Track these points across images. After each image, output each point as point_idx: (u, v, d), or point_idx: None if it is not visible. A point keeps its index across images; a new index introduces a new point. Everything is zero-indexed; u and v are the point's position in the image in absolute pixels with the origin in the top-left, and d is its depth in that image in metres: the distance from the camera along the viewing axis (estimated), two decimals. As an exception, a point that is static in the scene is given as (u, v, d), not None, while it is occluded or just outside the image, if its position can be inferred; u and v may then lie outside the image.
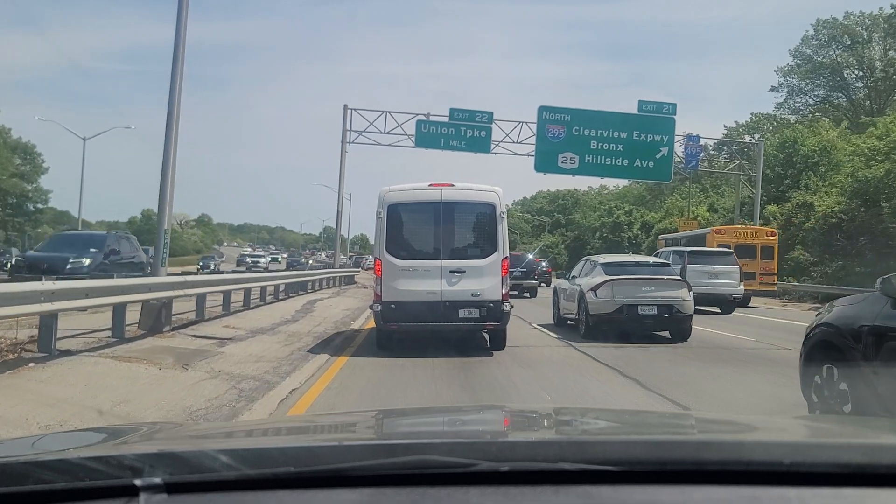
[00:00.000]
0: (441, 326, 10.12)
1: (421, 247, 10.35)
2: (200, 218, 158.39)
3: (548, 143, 36.15)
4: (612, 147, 36.62)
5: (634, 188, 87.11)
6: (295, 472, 1.35)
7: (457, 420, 2.57)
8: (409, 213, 10.38)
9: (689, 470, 1.39)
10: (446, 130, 35.83)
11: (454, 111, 35.80)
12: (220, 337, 10.55)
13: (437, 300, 9.85)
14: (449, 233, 10.21)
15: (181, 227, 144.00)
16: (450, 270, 9.90)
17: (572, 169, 36.65)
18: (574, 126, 36.38)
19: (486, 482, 1.33)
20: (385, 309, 9.95)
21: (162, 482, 1.29)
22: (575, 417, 2.65)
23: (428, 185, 10.31)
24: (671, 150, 37.21)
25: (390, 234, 10.10)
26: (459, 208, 10.27)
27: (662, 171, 37.28)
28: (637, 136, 36.61)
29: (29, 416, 5.30)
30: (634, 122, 36.66)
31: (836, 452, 1.52)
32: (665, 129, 36.86)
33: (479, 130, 35.98)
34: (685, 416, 4.51)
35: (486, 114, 36.16)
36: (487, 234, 10.20)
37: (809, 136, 40.93)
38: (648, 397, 7.30)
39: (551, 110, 36.49)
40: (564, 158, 36.47)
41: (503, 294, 9.95)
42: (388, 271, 9.96)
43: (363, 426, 2.39)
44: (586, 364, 9.73)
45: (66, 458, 1.45)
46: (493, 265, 10.00)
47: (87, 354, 8.31)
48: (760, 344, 12.81)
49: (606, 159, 36.65)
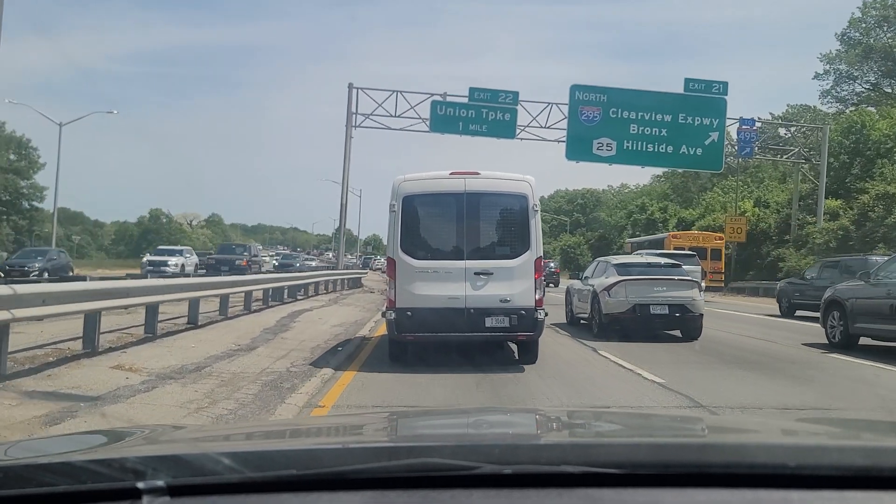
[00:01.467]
0: (464, 337, 9.18)
1: (441, 245, 9.36)
2: (211, 218, 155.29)
3: (581, 126, 31.60)
4: (654, 132, 32.03)
5: (657, 186, 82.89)
6: (297, 474, 1.35)
7: (459, 422, 2.55)
8: (427, 205, 9.38)
9: (692, 473, 1.39)
10: (465, 113, 31.34)
11: (474, 91, 31.31)
12: (85, 395, 6.08)
13: (461, 307, 8.89)
14: (474, 228, 9.21)
15: (190, 226, 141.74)
16: (475, 272, 8.97)
17: (609, 156, 32.06)
18: (611, 108, 31.81)
19: (489, 485, 1.33)
20: (400, 317, 8.90)
21: (164, 485, 1.29)
22: (578, 419, 2.68)
23: (449, 174, 9.28)
24: (722, 136, 32.58)
25: (406, 231, 9.10)
26: (486, 200, 9.27)
27: (712, 158, 32.56)
28: (683, 119, 32.00)
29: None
30: (679, 102, 32.03)
31: (838, 455, 1.54)
32: (715, 110, 32.15)
33: (503, 113, 31.47)
34: (688, 418, 4.63)
35: (510, 94, 31.65)
36: (518, 230, 9.21)
37: (879, 120, 35.90)
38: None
39: (585, 89, 31.92)
40: (600, 144, 31.90)
41: (537, 299, 9.02)
42: (404, 273, 8.99)
43: (366, 429, 2.39)
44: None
45: (68, 461, 1.45)
46: (524, 266, 9.05)
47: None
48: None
49: (648, 145, 32.05)
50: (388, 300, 9.17)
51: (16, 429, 4.90)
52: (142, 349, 9.00)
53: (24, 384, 6.36)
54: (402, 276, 8.93)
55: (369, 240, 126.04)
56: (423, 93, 31.61)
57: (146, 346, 9.36)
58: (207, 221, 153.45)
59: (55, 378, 6.69)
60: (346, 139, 31.86)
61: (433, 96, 31.34)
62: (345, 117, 32.19)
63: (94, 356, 7.95)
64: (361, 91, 31.90)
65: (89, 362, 7.59)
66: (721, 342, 12.88)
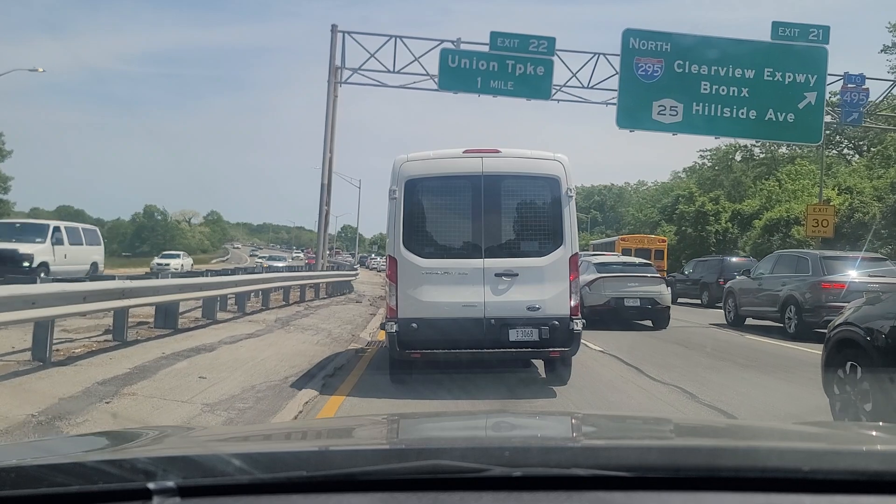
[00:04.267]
0: (483, 355, 7.50)
1: (453, 240, 7.81)
2: (209, 215, 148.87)
3: (637, 84, 24.03)
4: (731, 91, 24.46)
5: (679, 183, 75.22)
6: (307, 476, 1.35)
7: (469, 425, 2.54)
8: (435, 191, 7.82)
9: (702, 476, 1.39)
10: (485, 65, 23.76)
11: (497, 36, 23.74)
12: None
13: (478, 316, 7.39)
14: (493, 219, 7.68)
15: (189, 224, 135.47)
16: (495, 274, 7.48)
17: (673, 123, 24.43)
18: (676, 60, 24.23)
19: (499, 487, 1.33)
20: (404, 330, 7.31)
21: (175, 486, 1.30)
22: (587, 422, 2.65)
23: (463, 152, 7.75)
24: (822, 97, 24.77)
25: (409, 222, 7.54)
26: (508, 184, 7.73)
27: (807, 126, 24.77)
28: (770, 76, 24.38)
29: None
30: (765, 53, 24.43)
31: (852, 459, 1.53)
32: (812, 63, 24.49)
33: (535, 66, 23.92)
34: (699, 422, 4.60)
35: (544, 40, 24.10)
36: (549, 222, 7.68)
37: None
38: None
39: (642, 35, 24.31)
40: (662, 108, 24.32)
41: (572, 307, 7.51)
42: (408, 275, 7.44)
43: (375, 431, 2.38)
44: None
45: (80, 462, 1.47)
46: (556, 266, 7.53)
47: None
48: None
49: (724, 110, 24.45)
50: (389, 308, 7.57)
51: None
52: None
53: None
54: (406, 278, 7.45)
55: (375, 239, 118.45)
56: (430, 39, 24.07)
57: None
58: (206, 220, 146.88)
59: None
60: (327, 98, 24.23)
61: (443, 43, 23.80)
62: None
63: None
64: (349, 36, 24.26)
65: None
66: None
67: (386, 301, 7.92)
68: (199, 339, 10.18)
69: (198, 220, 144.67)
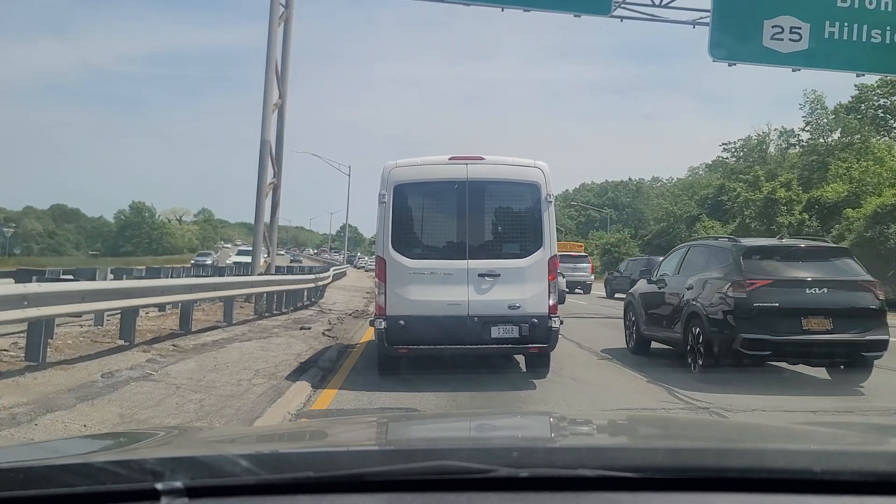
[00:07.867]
0: (466, 350, 8.23)
1: (439, 241, 8.49)
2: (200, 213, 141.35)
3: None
4: (883, 4, 16.37)
5: (698, 180, 67.44)
6: (314, 477, 1.35)
7: (475, 425, 2.53)
8: (422, 195, 8.49)
9: (710, 477, 1.37)
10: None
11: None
12: None
13: (462, 314, 8.00)
14: (477, 222, 8.32)
15: (179, 222, 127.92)
16: (479, 274, 8.07)
17: (796, 52, 16.51)
18: (799, -43, 16.16)
19: (505, 488, 1.32)
20: (391, 327, 7.97)
21: (182, 486, 1.29)
22: (593, 423, 2.65)
23: (448, 159, 8.36)
24: None
25: (398, 225, 8.18)
26: (491, 189, 8.42)
27: None
28: (932, -15, 16.33)
29: None
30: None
31: (860, 460, 1.51)
32: None
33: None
34: (706, 422, 4.59)
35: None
36: (529, 225, 8.34)
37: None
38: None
39: (750, -80, 16.21)
40: (779, 29, 16.43)
41: (551, 305, 8.13)
42: (396, 275, 8.08)
43: (382, 431, 2.37)
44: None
45: (88, 462, 1.46)
46: (536, 266, 8.15)
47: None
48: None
49: (873, 32, 16.41)
50: (378, 306, 8.24)
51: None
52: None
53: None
54: (394, 278, 8.09)
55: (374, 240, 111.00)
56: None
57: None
58: (198, 217, 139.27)
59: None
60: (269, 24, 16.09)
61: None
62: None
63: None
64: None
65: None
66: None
67: (375, 299, 8.36)
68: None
69: (189, 218, 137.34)
